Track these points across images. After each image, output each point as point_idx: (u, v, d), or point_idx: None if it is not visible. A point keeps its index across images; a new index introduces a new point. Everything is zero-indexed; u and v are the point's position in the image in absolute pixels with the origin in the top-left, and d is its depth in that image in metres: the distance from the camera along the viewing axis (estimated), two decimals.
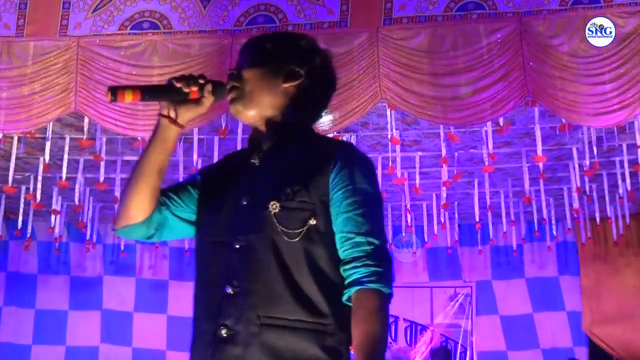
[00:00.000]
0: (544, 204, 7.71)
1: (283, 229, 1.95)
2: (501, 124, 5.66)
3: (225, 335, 1.91)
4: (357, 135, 6.52)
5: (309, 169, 2.03)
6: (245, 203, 2.02)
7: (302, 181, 2.00)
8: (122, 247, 8.82)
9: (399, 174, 6.36)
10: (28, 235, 8.11)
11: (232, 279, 1.95)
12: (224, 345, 1.91)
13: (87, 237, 8.50)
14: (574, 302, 9.29)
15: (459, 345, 9.23)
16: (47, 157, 5.98)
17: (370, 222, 1.99)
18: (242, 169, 2.12)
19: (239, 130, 5.79)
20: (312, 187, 1.99)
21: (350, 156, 2.04)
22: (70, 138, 6.37)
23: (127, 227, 2.09)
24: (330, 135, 5.81)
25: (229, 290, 1.94)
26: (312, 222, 1.97)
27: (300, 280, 1.93)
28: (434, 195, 8.00)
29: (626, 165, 6.76)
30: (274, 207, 1.97)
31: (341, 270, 1.95)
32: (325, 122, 5.10)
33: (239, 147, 5.88)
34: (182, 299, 9.46)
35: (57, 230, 7.91)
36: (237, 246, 1.98)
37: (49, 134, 5.77)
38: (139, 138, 5.96)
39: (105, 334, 9.28)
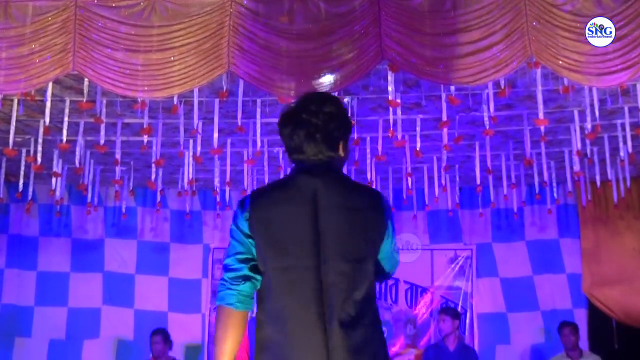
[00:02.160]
0: (544, 166, 7.70)
1: None
2: (502, 86, 5.63)
3: None
4: (357, 98, 6.49)
5: None
6: None
7: None
8: (124, 210, 8.82)
9: (399, 137, 6.34)
10: (29, 198, 8.11)
11: None
12: None
13: (88, 200, 8.51)
14: (574, 265, 9.32)
15: (459, 307, 9.27)
16: (47, 119, 5.95)
17: None
18: None
19: (240, 92, 5.76)
20: None
21: None
22: (70, 101, 6.35)
23: None
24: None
25: None
26: None
27: None
28: (434, 158, 7.99)
29: (627, 128, 6.74)
30: None
31: None
32: (325, 84, 5.07)
33: (239, 110, 5.86)
34: (182, 262, 9.53)
35: (58, 193, 7.90)
36: None
37: (48, 95, 5.74)
38: (138, 100, 5.94)
39: (107, 296, 9.33)
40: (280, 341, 2.58)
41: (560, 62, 4.98)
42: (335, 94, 5.69)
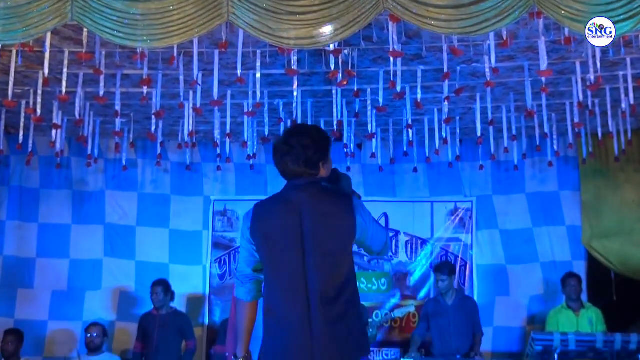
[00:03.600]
0: (545, 118, 7.68)
1: None
2: (504, 36, 5.58)
3: None
4: (358, 49, 6.44)
5: None
6: None
7: None
8: (124, 162, 8.81)
9: (399, 89, 6.31)
10: (29, 150, 8.10)
11: None
12: None
13: (89, 152, 8.49)
14: (574, 217, 9.34)
15: (459, 259, 9.33)
16: (46, 70, 5.92)
17: None
18: None
19: (240, 44, 5.72)
20: None
21: None
22: (69, 51, 6.30)
23: None
24: (331, 48, 5.77)
25: None
26: None
27: None
28: (435, 110, 7.97)
29: (630, 79, 6.70)
30: None
31: None
32: (325, 34, 5.03)
33: (239, 62, 5.82)
34: (183, 214, 9.56)
35: (58, 145, 7.90)
36: None
37: (47, 46, 5.70)
38: (138, 51, 5.90)
39: (108, 248, 9.38)
40: (277, 313, 3.49)
41: (563, 12, 4.93)
42: (336, 44, 5.66)
